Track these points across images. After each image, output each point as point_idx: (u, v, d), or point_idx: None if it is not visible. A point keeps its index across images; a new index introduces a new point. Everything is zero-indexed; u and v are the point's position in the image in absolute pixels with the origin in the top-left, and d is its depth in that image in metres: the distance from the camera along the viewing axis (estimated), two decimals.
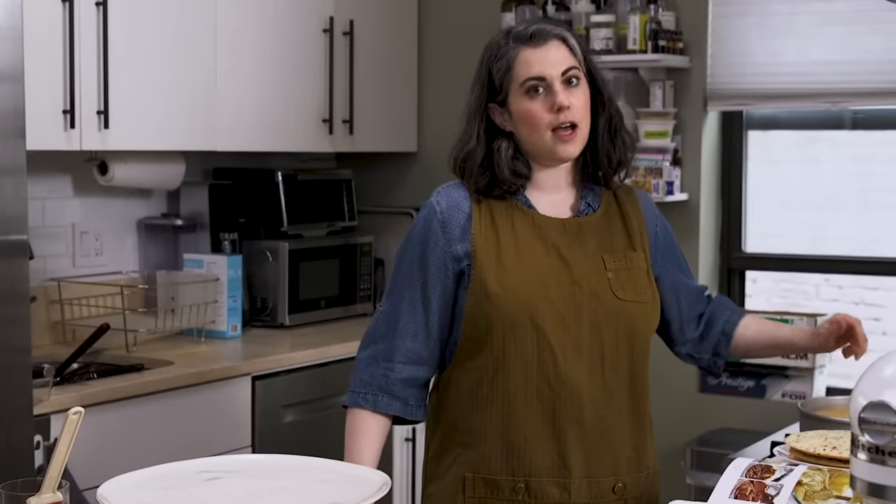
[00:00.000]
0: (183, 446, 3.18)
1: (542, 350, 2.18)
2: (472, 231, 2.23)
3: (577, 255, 2.23)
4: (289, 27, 3.94)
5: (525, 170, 2.26)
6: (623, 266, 2.25)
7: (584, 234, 2.26)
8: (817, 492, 1.87)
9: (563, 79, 2.20)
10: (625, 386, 2.25)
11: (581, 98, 2.21)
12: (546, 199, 2.28)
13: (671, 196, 3.94)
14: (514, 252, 2.22)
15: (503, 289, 2.18)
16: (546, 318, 2.18)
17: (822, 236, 4.08)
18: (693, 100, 4.04)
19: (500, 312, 2.19)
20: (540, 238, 2.23)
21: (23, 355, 2.73)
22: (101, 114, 3.31)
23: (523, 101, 2.21)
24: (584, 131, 2.23)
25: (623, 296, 2.23)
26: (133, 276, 3.90)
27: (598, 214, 2.28)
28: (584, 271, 2.22)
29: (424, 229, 2.26)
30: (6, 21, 2.65)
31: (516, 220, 2.25)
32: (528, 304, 2.18)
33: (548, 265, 2.21)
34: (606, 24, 3.96)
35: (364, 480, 1.67)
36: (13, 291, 2.71)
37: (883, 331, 4.28)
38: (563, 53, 2.22)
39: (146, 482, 1.67)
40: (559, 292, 2.19)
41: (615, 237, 2.28)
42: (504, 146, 2.24)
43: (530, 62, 2.21)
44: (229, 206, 4.04)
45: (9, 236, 2.69)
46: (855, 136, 4.05)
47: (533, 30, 2.23)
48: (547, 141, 2.21)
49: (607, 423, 2.22)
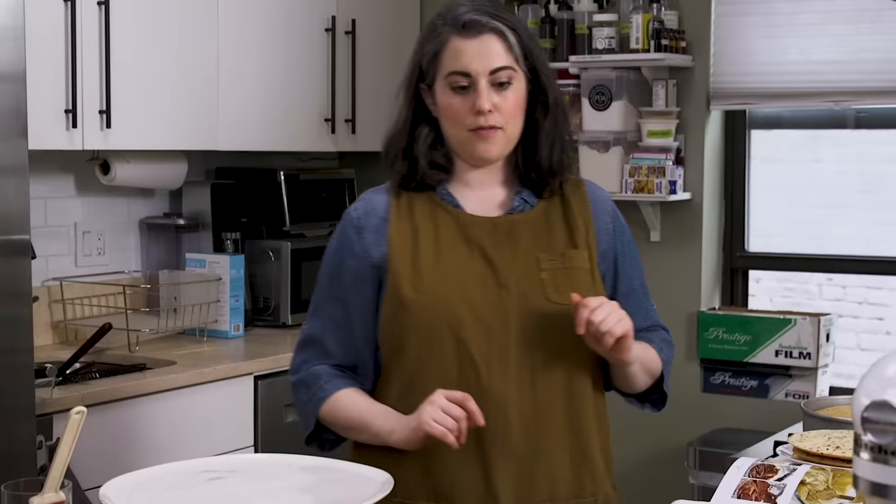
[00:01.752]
0: (185, 446, 3.18)
1: (463, 362, 1.97)
2: (388, 233, 2.04)
3: (505, 255, 2.02)
4: (291, 26, 3.94)
5: (444, 161, 2.07)
6: (560, 266, 2.02)
7: (516, 232, 2.04)
8: (820, 491, 1.87)
9: (490, 78, 1.99)
10: (560, 402, 2.01)
11: (510, 100, 2.01)
12: (474, 195, 2.08)
13: (674, 195, 3.94)
14: (433, 254, 2.01)
15: (418, 294, 1.99)
16: (467, 327, 1.97)
17: (826, 235, 4.08)
18: (696, 99, 4.03)
19: (414, 321, 1.99)
20: (464, 238, 2.03)
21: (25, 355, 2.73)
22: (104, 113, 3.31)
23: (446, 93, 2.02)
24: (511, 133, 2.03)
25: (558, 299, 1.98)
26: (135, 276, 3.90)
27: (535, 211, 2.06)
28: (514, 273, 2.00)
29: (339, 240, 2.09)
30: (8, 21, 2.65)
31: (439, 220, 2.05)
32: (446, 311, 1.97)
33: (470, 268, 2.00)
34: (609, 24, 3.96)
35: (366, 479, 1.66)
36: (15, 291, 2.71)
37: (886, 330, 4.28)
38: (497, 49, 2.00)
39: (148, 482, 1.67)
40: (483, 297, 1.98)
41: (554, 234, 2.06)
42: (425, 134, 2.06)
43: (458, 54, 2.00)
44: (231, 205, 4.04)
45: (11, 236, 2.69)
46: (858, 135, 4.04)
47: (467, 18, 2.01)
48: (465, 140, 2.02)
49: (541, 445, 1.99)
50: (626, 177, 3.95)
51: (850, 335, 4.25)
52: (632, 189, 3.95)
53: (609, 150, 4.01)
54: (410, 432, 1.94)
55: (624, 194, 3.96)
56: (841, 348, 4.02)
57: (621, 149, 4.00)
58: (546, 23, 4.09)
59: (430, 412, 1.90)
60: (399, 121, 2.10)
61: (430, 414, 1.89)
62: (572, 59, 4.00)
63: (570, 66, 4.02)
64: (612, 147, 4.00)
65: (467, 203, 2.07)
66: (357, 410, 2.03)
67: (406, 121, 2.08)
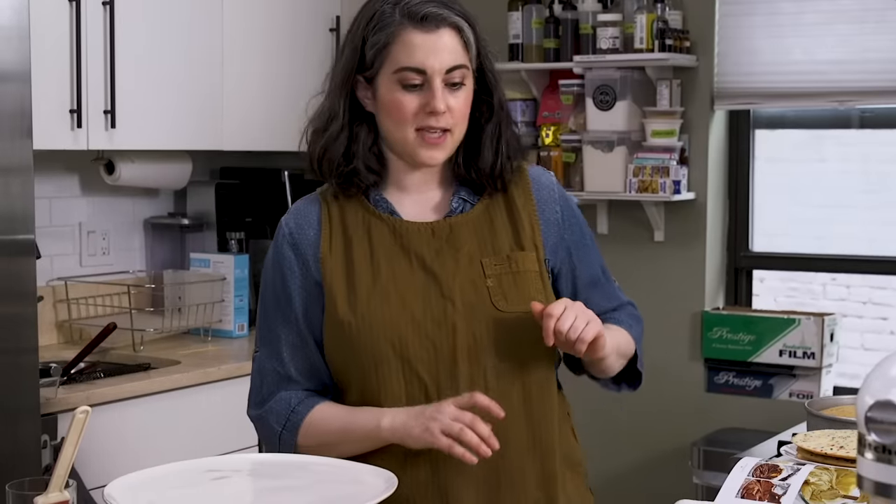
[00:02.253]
0: (190, 445, 3.18)
1: (411, 385, 1.84)
2: (321, 249, 1.90)
3: (448, 263, 1.87)
4: (295, 26, 3.95)
5: (377, 164, 1.91)
6: (506, 270, 1.88)
7: (457, 237, 1.89)
8: (824, 491, 1.86)
9: (445, 77, 1.84)
10: (519, 416, 1.87)
11: (462, 101, 1.86)
12: (410, 200, 1.93)
13: (678, 195, 3.94)
14: (368, 270, 1.87)
15: (355, 316, 1.84)
16: (412, 347, 1.83)
17: (830, 235, 4.08)
18: (700, 99, 4.03)
19: (355, 344, 1.85)
20: (401, 248, 1.88)
21: (30, 355, 2.74)
22: (108, 113, 3.31)
23: (393, 89, 1.85)
24: (457, 136, 1.89)
25: (505, 307, 1.85)
26: (140, 276, 3.91)
27: (476, 211, 1.92)
28: (458, 282, 1.86)
29: (277, 257, 1.94)
30: (13, 21, 2.65)
31: (373, 230, 1.90)
32: (387, 331, 1.83)
33: (410, 281, 1.86)
34: (613, 23, 3.96)
35: (369, 479, 1.67)
36: (20, 291, 2.72)
37: (890, 330, 4.28)
38: (455, 46, 1.85)
39: (153, 481, 1.67)
40: (426, 312, 1.84)
41: (498, 235, 1.91)
42: (364, 134, 1.90)
43: (413, 48, 1.83)
44: (236, 205, 4.04)
45: (16, 235, 2.70)
46: (862, 135, 4.04)
47: (426, 10, 1.83)
48: (410, 141, 1.86)
49: (503, 465, 1.86)
50: (630, 176, 3.95)
51: (854, 335, 4.24)
52: (636, 189, 3.95)
53: (613, 149, 4.00)
54: (413, 429, 1.79)
55: (628, 194, 3.96)
56: (845, 348, 4.01)
57: (625, 149, 4.00)
58: (550, 23, 4.09)
59: (440, 421, 1.77)
60: (331, 117, 1.90)
61: (441, 424, 1.76)
62: (576, 58, 4.00)
63: (575, 65, 4.02)
64: (616, 147, 4.00)
65: (403, 208, 1.92)
66: (338, 417, 1.89)
67: (342, 118, 1.89)
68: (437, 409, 1.78)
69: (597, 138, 4.02)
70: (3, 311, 2.69)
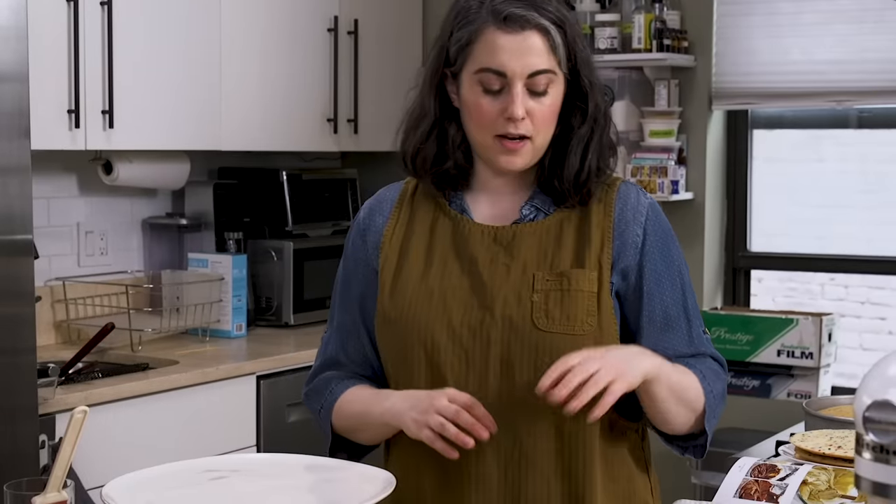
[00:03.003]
0: (188, 445, 3.18)
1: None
2: (383, 236, 1.86)
3: (499, 271, 1.78)
4: (293, 26, 3.94)
5: (466, 163, 1.84)
6: (557, 287, 1.75)
7: (518, 245, 1.79)
8: (822, 491, 1.87)
9: (527, 82, 1.74)
10: (548, 443, 1.76)
11: (547, 107, 1.77)
12: (487, 201, 1.85)
13: (676, 195, 3.94)
14: (420, 267, 1.81)
15: (396, 311, 1.79)
16: (444, 352, 1.76)
17: (828, 235, 4.08)
18: (698, 99, 4.03)
19: (390, 340, 1.81)
20: (457, 250, 1.81)
21: (28, 355, 2.73)
22: (106, 113, 3.31)
23: (474, 91, 1.77)
24: (540, 143, 1.79)
25: (546, 325, 1.73)
26: (138, 276, 3.91)
27: (549, 220, 1.81)
28: (504, 293, 1.76)
29: (348, 241, 1.92)
30: (11, 21, 2.65)
31: (437, 227, 1.84)
32: (421, 332, 1.77)
33: (457, 284, 1.78)
34: (611, 23, 3.96)
35: (369, 479, 1.66)
36: (18, 291, 2.72)
37: (888, 330, 4.28)
38: (540, 49, 1.74)
39: (151, 481, 1.67)
40: (464, 319, 1.76)
41: (563, 249, 1.79)
42: (454, 132, 1.83)
43: (495, 48, 1.74)
44: (234, 205, 4.04)
45: (14, 236, 2.70)
46: (860, 134, 4.04)
47: (511, 10, 1.74)
48: (489, 145, 1.78)
49: (524, 490, 1.76)
50: (629, 177, 3.96)
51: (852, 335, 4.25)
52: None
53: None
54: (405, 419, 1.73)
55: None
56: (843, 348, 4.02)
57: (623, 149, 4.00)
58: None
59: (426, 415, 1.70)
60: (422, 115, 1.84)
61: (426, 419, 1.69)
62: None
63: None
64: None
65: (477, 208, 1.85)
66: (360, 400, 1.84)
67: (432, 115, 1.83)
68: (430, 401, 1.70)
69: None
70: (1, 311, 2.69)
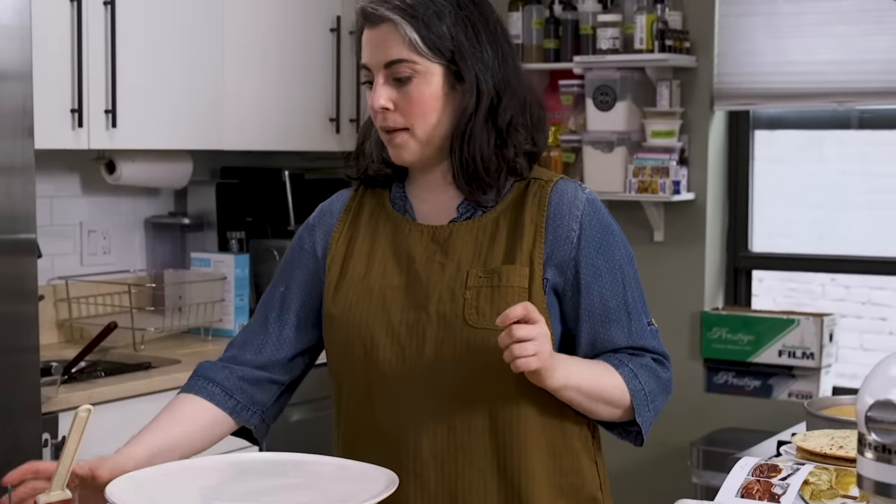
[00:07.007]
0: None
1: (375, 390, 1.77)
2: (331, 237, 1.87)
3: (434, 270, 1.77)
4: (296, 26, 3.95)
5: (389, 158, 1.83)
6: (488, 284, 1.74)
7: (453, 243, 1.78)
8: (824, 491, 1.87)
9: (386, 73, 1.75)
10: (483, 438, 1.75)
11: (413, 98, 1.74)
12: (429, 200, 1.83)
13: (678, 195, 3.94)
14: (362, 265, 1.81)
15: (338, 310, 1.80)
16: (381, 349, 1.76)
17: (829, 236, 4.09)
18: (700, 99, 4.04)
19: (332, 339, 1.82)
20: (396, 249, 1.81)
21: (31, 353, 2.74)
22: (109, 113, 3.32)
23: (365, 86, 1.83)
24: (423, 135, 1.76)
25: (476, 322, 1.72)
26: (140, 275, 3.91)
27: (486, 218, 1.79)
28: (439, 291, 1.75)
29: (294, 242, 1.94)
30: (15, 20, 2.66)
31: (379, 226, 1.84)
32: (361, 330, 1.77)
33: (394, 284, 1.78)
34: (613, 24, 3.97)
35: (371, 479, 1.67)
36: (21, 290, 2.72)
37: (889, 330, 4.28)
38: (393, 40, 1.73)
39: (154, 480, 1.67)
40: (401, 318, 1.76)
41: (496, 246, 1.77)
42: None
43: (363, 44, 1.78)
44: (236, 204, 4.04)
45: (17, 235, 2.70)
46: (861, 135, 4.05)
47: (366, 7, 1.76)
48: (382, 139, 1.81)
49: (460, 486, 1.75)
50: (630, 177, 3.96)
51: (853, 335, 4.25)
52: (635, 189, 3.96)
53: (613, 150, 4.01)
54: None
55: (628, 194, 3.97)
56: (844, 348, 4.02)
57: (625, 149, 4.01)
58: (550, 23, 4.10)
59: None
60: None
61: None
62: (576, 59, 4.01)
63: (575, 66, 4.03)
64: (616, 147, 4.01)
65: (420, 206, 1.84)
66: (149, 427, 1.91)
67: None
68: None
69: (597, 139, 4.03)
70: (5, 310, 2.70)
